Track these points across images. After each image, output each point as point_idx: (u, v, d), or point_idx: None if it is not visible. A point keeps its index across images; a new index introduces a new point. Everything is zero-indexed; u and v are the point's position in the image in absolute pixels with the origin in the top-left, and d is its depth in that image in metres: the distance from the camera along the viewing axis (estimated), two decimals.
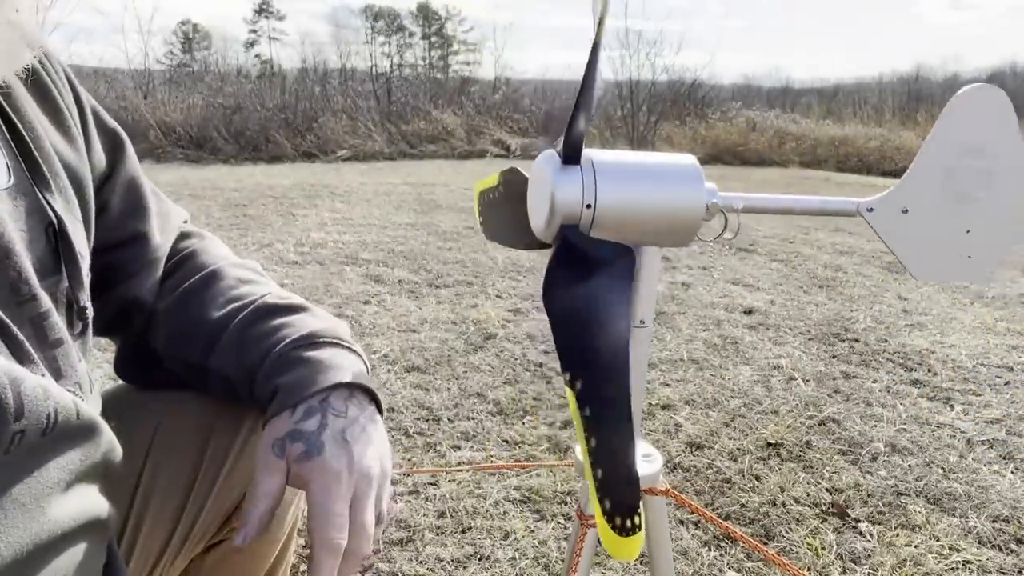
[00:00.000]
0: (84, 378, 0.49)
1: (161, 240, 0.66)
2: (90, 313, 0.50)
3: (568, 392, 0.53)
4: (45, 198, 0.47)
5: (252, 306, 0.62)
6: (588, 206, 0.54)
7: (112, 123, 0.63)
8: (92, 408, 0.47)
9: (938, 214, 0.63)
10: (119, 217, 0.62)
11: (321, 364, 0.57)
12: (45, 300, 0.45)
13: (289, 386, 0.56)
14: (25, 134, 0.49)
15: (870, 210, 0.63)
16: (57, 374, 0.45)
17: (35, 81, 0.53)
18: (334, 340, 0.60)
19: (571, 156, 0.54)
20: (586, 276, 0.54)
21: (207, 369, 0.62)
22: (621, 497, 0.52)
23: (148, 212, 0.65)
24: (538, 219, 0.56)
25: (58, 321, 0.46)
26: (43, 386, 0.41)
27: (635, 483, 0.52)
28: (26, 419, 0.39)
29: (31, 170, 0.48)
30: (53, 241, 0.47)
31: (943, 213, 0.63)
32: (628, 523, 0.51)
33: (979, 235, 0.64)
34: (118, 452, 0.50)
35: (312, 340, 0.59)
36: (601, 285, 0.53)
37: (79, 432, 0.44)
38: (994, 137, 0.63)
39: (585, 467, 0.53)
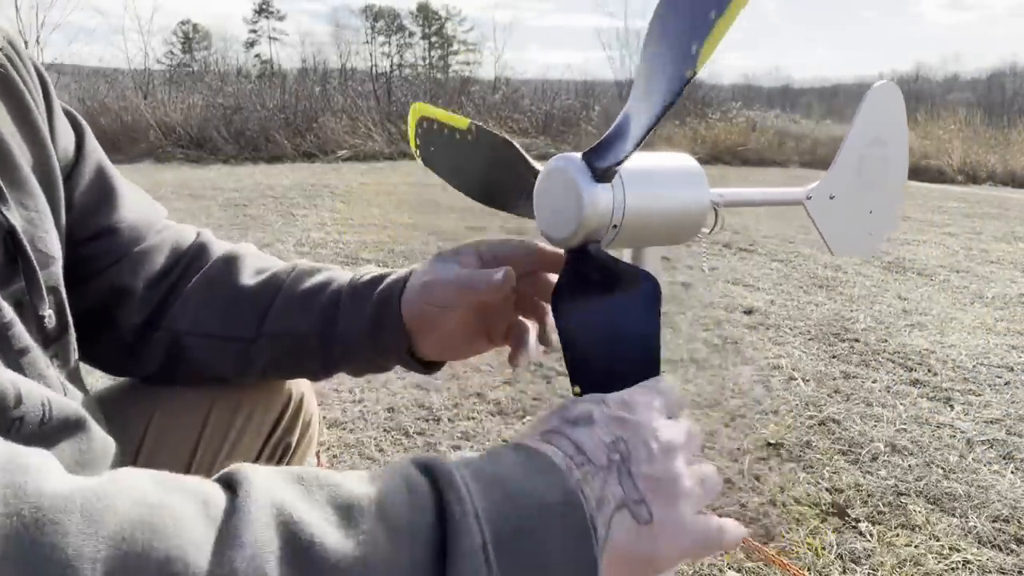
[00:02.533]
0: (55, 385, 0.48)
1: (141, 223, 0.63)
2: (49, 323, 0.48)
3: None
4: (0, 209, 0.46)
5: (294, 270, 0.64)
6: (615, 226, 0.52)
7: (71, 110, 0.61)
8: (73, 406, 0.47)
9: (853, 198, 0.71)
10: (89, 206, 0.60)
11: (389, 272, 0.62)
12: (7, 310, 0.44)
13: (392, 284, 0.60)
14: None
15: (809, 198, 0.69)
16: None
17: (3, 81, 0.51)
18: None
19: (607, 175, 0.51)
20: (606, 293, 0.51)
21: (259, 336, 0.62)
22: None
23: (119, 197, 0.62)
24: (556, 230, 0.53)
25: (23, 331, 0.45)
26: (32, 381, 0.41)
27: None
28: (24, 406, 0.39)
29: None
30: (12, 251, 0.46)
31: (856, 197, 0.71)
32: None
33: (877, 214, 0.74)
34: (111, 448, 0.49)
35: (366, 270, 0.64)
36: (623, 305, 0.50)
37: (71, 425, 0.44)
38: (890, 128, 0.73)
39: None
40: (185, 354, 0.64)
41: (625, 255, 0.60)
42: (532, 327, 0.61)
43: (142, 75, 11.97)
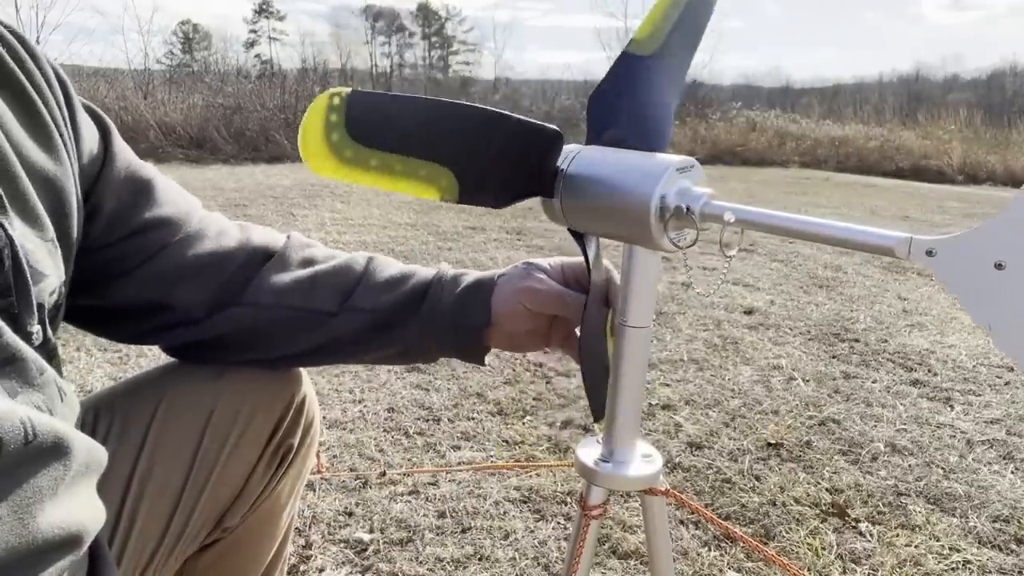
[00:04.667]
0: (50, 389, 0.47)
1: (181, 212, 0.65)
2: (37, 339, 0.48)
3: None
4: None
5: (374, 258, 0.71)
6: (566, 219, 0.60)
7: (98, 112, 0.61)
8: (62, 419, 0.46)
9: None
10: (125, 204, 0.60)
11: (470, 271, 0.71)
12: None
13: (481, 278, 0.69)
14: None
15: (930, 253, 0.46)
16: (13, 392, 0.44)
17: (9, 85, 0.50)
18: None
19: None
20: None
21: (341, 311, 0.67)
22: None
23: (155, 191, 0.63)
24: None
25: (11, 341, 0.44)
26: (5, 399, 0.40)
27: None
28: None
29: None
30: (9, 263, 0.45)
31: None
32: None
33: None
34: (99, 458, 0.49)
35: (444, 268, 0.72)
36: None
37: (54, 445, 0.43)
38: None
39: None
40: (256, 327, 0.66)
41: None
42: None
43: (142, 75, 11.96)
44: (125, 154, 0.62)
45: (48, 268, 0.49)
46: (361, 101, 0.55)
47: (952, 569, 1.34)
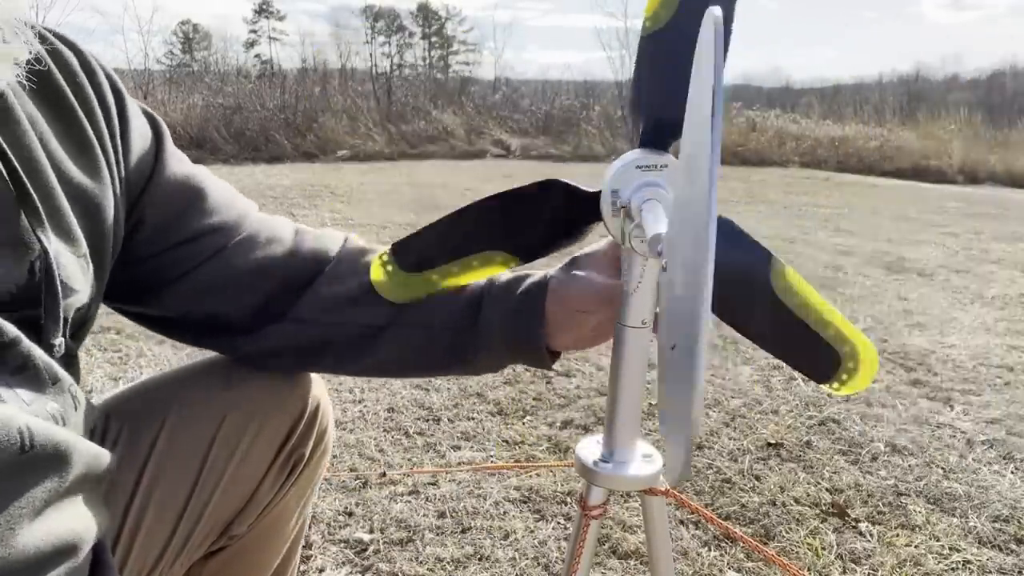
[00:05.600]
0: (63, 397, 0.47)
1: (233, 218, 0.64)
2: (58, 352, 0.48)
3: None
4: (35, 231, 0.45)
5: None
6: None
7: (153, 115, 0.60)
8: (74, 427, 0.46)
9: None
10: (176, 211, 0.60)
11: (521, 273, 0.69)
12: (10, 329, 0.44)
13: (532, 286, 0.66)
14: (17, 163, 0.45)
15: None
16: (24, 399, 0.44)
17: (54, 101, 0.50)
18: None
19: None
20: None
21: (390, 325, 0.65)
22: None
23: (207, 199, 0.62)
24: None
25: (27, 348, 0.44)
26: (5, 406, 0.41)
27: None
28: None
29: (22, 200, 0.45)
30: (39, 274, 0.45)
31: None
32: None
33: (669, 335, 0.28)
34: (102, 464, 0.49)
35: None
36: None
37: (53, 454, 0.43)
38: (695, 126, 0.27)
39: None
40: (306, 343, 0.65)
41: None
42: None
43: (142, 75, 11.97)
44: (175, 160, 0.61)
45: (79, 283, 0.49)
46: (400, 247, 0.64)
47: (952, 569, 1.34)
